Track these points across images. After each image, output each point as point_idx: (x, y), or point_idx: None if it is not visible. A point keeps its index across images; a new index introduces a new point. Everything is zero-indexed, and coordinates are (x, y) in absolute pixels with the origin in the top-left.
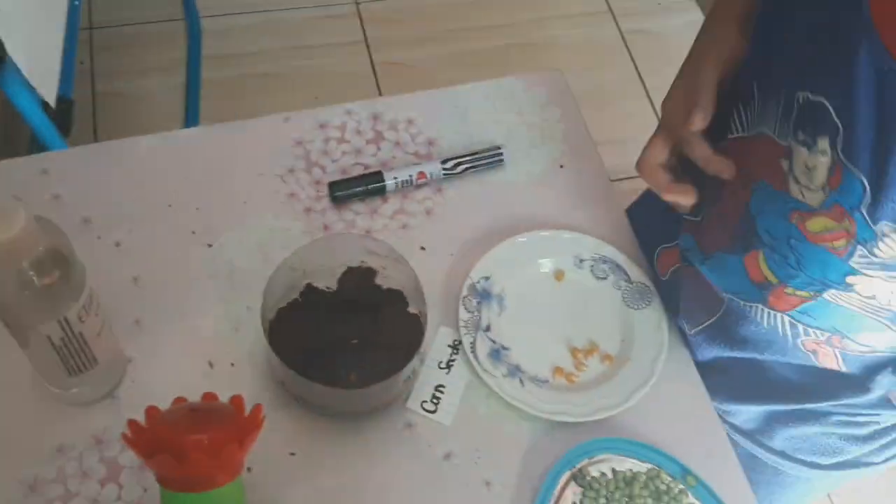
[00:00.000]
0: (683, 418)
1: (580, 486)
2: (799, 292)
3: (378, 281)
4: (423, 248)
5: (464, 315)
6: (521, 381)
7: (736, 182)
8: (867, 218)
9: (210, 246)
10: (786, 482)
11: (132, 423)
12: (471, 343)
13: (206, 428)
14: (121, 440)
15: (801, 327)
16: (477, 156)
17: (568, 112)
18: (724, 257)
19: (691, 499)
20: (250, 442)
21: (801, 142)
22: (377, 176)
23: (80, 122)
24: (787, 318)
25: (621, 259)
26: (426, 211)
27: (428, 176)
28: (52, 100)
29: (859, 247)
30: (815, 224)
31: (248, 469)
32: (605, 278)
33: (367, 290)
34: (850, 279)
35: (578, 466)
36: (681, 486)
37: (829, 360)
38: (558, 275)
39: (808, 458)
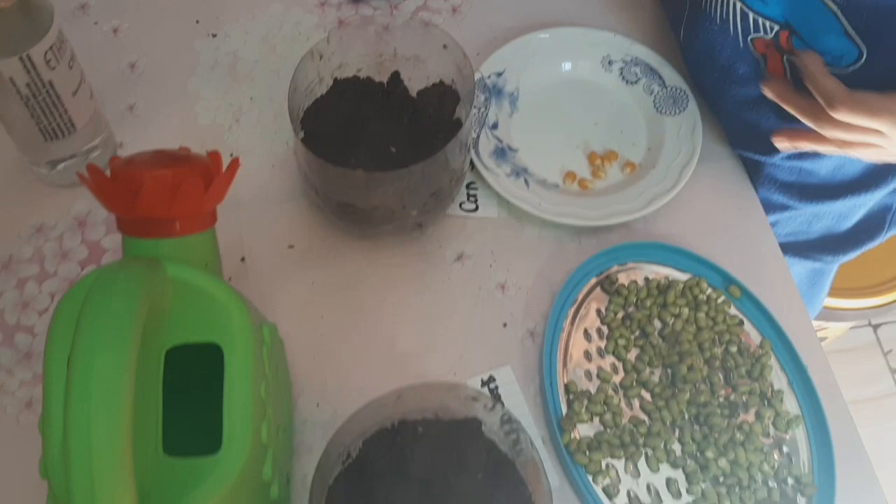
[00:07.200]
0: (725, 225)
1: (607, 292)
2: None
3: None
4: (444, 47)
5: None
6: (527, 182)
7: None
8: None
9: (214, 36)
10: None
11: (92, 167)
12: (473, 138)
13: (171, 167)
14: (103, 221)
15: (751, 18)
16: None
17: None
18: None
19: (735, 310)
20: (217, 187)
21: None
22: None
23: None
24: (738, 6)
25: (655, 60)
26: (452, 8)
27: None
28: None
29: None
30: None
31: (242, 259)
32: (635, 82)
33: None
34: None
35: (606, 273)
36: (723, 297)
37: (777, 68)
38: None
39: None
